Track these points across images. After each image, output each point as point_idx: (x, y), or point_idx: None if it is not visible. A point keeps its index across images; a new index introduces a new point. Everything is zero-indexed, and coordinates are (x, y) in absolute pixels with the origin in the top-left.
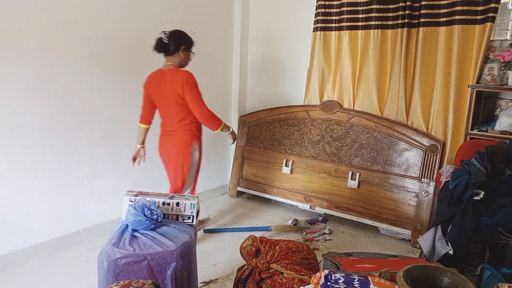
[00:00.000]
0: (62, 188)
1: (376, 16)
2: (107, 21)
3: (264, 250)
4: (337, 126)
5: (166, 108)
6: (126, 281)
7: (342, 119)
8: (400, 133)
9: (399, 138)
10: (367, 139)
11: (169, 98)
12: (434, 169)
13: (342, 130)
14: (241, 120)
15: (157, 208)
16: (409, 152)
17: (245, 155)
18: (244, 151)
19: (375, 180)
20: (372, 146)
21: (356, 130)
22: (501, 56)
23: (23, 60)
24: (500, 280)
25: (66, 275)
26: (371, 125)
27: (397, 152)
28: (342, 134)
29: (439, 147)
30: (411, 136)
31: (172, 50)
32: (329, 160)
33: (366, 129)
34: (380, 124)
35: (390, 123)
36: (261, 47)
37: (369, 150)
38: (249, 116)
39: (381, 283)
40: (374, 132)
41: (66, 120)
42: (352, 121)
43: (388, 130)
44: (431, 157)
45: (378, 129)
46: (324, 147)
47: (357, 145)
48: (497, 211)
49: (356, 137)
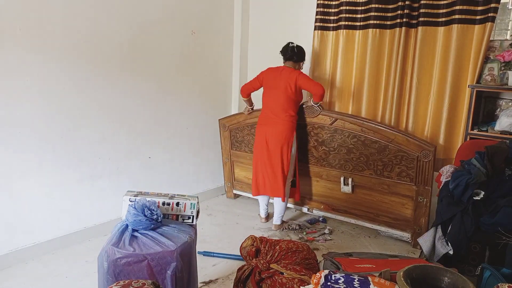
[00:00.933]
0: (62, 188)
1: (375, 16)
2: (107, 21)
3: (264, 250)
4: (320, 130)
5: (275, 95)
6: (126, 281)
7: (325, 122)
8: (389, 139)
9: (389, 143)
10: (354, 143)
11: (280, 88)
12: (428, 174)
13: (327, 134)
14: (221, 124)
15: (157, 208)
16: (400, 157)
17: (233, 158)
18: (231, 155)
19: (369, 185)
20: (360, 151)
21: (341, 134)
22: (501, 56)
23: (23, 60)
24: (500, 280)
25: (66, 275)
26: (356, 128)
27: (388, 157)
28: (328, 138)
29: (430, 152)
30: (399, 142)
31: (295, 59)
32: (318, 165)
33: (353, 133)
34: (366, 128)
35: (376, 126)
36: (261, 47)
37: (358, 155)
38: (228, 120)
39: (381, 283)
40: (361, 137)
41: (66, 120)
42: (336, 124)
43: (376, 134)
44: (423, 162)
45: (364, 133)
46: (311, 151)
47: (345, 149)
48: (497, 211)
49: (342, 142)
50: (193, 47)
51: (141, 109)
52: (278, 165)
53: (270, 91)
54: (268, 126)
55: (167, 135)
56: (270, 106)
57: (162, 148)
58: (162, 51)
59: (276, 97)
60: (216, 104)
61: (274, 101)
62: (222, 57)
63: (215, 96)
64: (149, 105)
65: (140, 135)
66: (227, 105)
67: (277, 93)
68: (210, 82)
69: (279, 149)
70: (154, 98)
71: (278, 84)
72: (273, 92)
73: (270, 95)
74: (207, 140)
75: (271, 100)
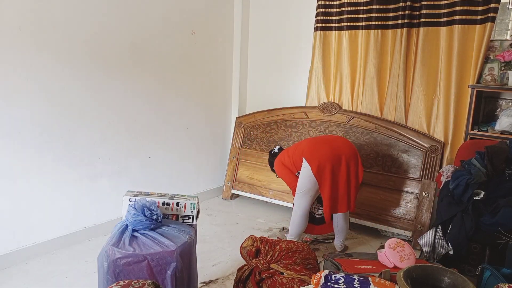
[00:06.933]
0: (62, 188)
1: (376, 16)
2: (107, 21)
3: (264, 250)
4: (336, 127)
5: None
6: (126, 281)
7: (342, 120)
8: (400, 134)
9: (399, 139)
10: (366, 141)
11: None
12: (435, 170)
13: (342, 131)
14: (237, 122)
15: (157, 208)
16: (409, 153)
17: (240, 157)
18: (239, 153)
19: (375, 181)
20: (371, 147)
21: (355, 132)
22: (501, 56)
23: (23, 60)
24: (500, 280)
25: (66, 275)
26: (370, 126)
27: (397, 153)
28: (341, 135)
29: (439, 148)
30: (411, 137)
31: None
32: None
33: (366, 130)
34: (380, 126)
35: (390, 124)
36: (261, 47)
37: (369, 151)
38: (246, 118)
39: (381, 283)
40: (374, 134)
41: (66, 120)
42: (351, 122)
43: (388, 131)
44: (431, 158)
45: (378, 130)
46: None
47: (356, 146)
48: (497, 211)
49: (355, 139)
50: (193, 47)
51: (141, 109)
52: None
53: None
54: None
55: (167, 135)
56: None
57: (162, 148)
58: (162, 51)
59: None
60: (216, 104)
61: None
62: (222, 57)
63: (215, 96)
64: (149, 105)
65: (140, 135)
66: (227, 105)
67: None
68: (210, 82)
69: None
70: (154, 98)
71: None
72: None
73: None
74: (207, 140)
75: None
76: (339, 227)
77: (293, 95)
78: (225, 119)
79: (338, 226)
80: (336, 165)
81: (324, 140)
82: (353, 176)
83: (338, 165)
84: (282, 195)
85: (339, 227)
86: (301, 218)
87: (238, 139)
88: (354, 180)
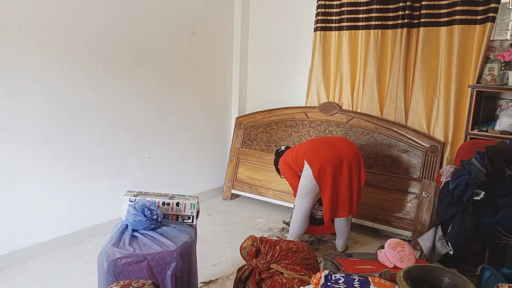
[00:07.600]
0: (62, 188)
1: (376, 16)
2: (107, 21)
3: (264, 250)
4: (336, 127)
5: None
6: (126, 281)
7: (342, 120)
8: (400, 134)
9: (399, 139)
10: (366, 141)
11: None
12: (435, 170)
13: (342, 131)
14: (237, 122)
15: (157, 208)
16: (410, 153)
17: (240, 157)
18: (239, 153)
19: (375, 182)
20: (371, 147)
21: (355, 132)
22: (501, 56)
23: (23, 60)
24: (500, 280)
25: (66, 275)
26: (370, 126)
27: (397, 153)
28: (341, 136)
29: (439, 148)
30: (411, 137)
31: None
32: None
33: (366, 130)
34: (380, 126)
35: (390, 124)
36: (261, 47)
37: (369, 151)
38: (246, 118)
39: (381, 283)
40: (374, 134)
41: (66, 120)
42: (351, 122)
43: (388, 131)
44: (431, 158)
45: (378, 130)
46: None
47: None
48: (497, 211)
49: (355, 139)
50: (193, 47)
51: (141, 109)
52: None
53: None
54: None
55: (167, 135)
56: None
57: (162, 148)
58: (162, 51)
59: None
60: (216, 104)
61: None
62: (222, 57)
63: (215, 96)
64: (149, 105)
65: (140, 135)
66: (227, 105)
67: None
68: (210, 82)
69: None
70: (154, 98)
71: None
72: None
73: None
74: (207, 140)
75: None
76: (341, 228)
77: (293, 95)
78: (225, 119)
79: (340, 227)
80: (337, 169)
81: (326, 141)
82: (355, 179)
83: (339, 168)
84: (282, 195)
85: (341, 228)
86: (302, 219)
87: (238, 139)
88: (356, 183)
